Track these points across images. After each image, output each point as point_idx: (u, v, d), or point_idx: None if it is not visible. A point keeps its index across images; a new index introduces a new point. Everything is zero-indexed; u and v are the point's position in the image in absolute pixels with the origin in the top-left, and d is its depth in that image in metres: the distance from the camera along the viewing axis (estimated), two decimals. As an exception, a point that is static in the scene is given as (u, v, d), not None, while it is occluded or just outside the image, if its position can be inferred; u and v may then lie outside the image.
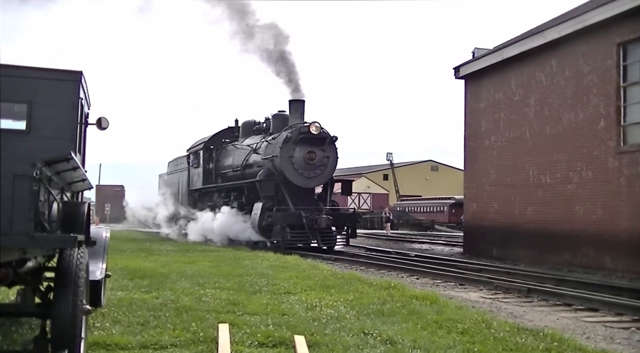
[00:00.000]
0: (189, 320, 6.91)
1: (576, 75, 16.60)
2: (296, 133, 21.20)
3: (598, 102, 15.82)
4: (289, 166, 21.01)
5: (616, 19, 15.08)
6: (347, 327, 6.80)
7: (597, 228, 15.55)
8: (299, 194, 21.26)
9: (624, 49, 15.26)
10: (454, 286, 12.33)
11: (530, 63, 18.48)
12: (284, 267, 13.05)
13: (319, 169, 21.48)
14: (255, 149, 23.53)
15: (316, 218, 19.98)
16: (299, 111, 22.36)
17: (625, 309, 9.10)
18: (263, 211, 20.76)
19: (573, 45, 16.73)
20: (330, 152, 21.74)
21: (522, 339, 6.39)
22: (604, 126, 15.57)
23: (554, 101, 17.45)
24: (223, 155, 27.42)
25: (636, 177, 14.49)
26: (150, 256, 15.48)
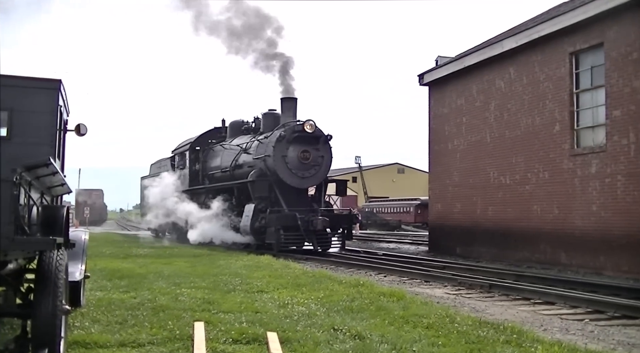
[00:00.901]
0: (166, 318, 7.05)
1: (533, 82, 17.11)
2: (290, 132, 20.24)
3: (553, 107, 16.33)
4: (282, 166, 20.07)
5: (568, 30, 15.65)
6: (317, 323, 6.98)
7: (553, 226, 16.06)
8: (293, 195, 20.31)
9: (576, 58, 15.83)
10: (419, 283, 12.57)
11: (490, 71, 18.94)
12: (257, 267, 13.18)
13: (314, 169, 20.55)
14: (245, 149, 22.48)
15: (312, 219, 19.09)
16: (291, 110, 21.45)
17: (579, 302, 9.49)
18: (255, 212, 19.79)
19: (529, 54, 17.26)
20: (324, 151, 20.77)
21: (484, 332, 6.61)
22: (559, 130, 16.10)
23: (512, 107, 17.93)
24: (210, 156, 26.28)
25: (588, 178, 15.03)
26: (128, 258, 15.57)
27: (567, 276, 13.65)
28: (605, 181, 14.58)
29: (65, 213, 5.58)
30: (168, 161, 30.48)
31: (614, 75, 14.48)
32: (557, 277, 12.94)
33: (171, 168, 29.42)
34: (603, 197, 14.62)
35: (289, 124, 20.65)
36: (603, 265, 14.45)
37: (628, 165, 13.98)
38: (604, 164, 14.62)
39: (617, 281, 12.51)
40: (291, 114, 21.25)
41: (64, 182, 6.16)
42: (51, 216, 5.51)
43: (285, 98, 21.60)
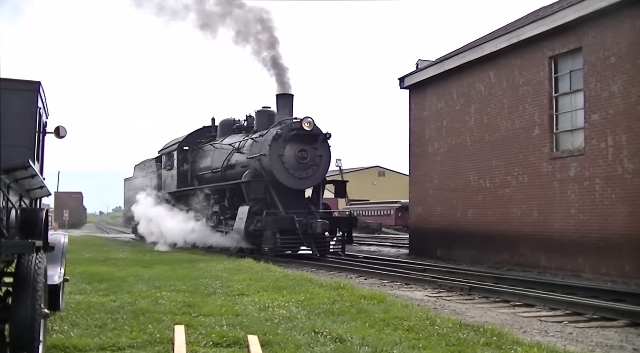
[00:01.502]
0: (146, 322, 7.01)
1: (512, 86, 17.25)
2: (287, 130, 19.16)
3: (532, 111, 16.47)
4: (278, 166, 19.03)
5: (548, 34, 15.79)
6: (298, 326, 6.96)
7: (533, 229, 16.19)
8: (289, 196, 19.22)
9: (555, 62, 15.98)
10: (400, 285, 12.63)
11: (470, 74, 19.07)
12: (237, 270, 13.16)
13: (311, 169, 19.53)
14: (238, 148, 21.39)
15: (310, 222, 18.14)
16: (287, 106, 20.28)
17: (559, 304, 9.57)
18: (250, 215, 18.67)
19: (509, 58, 17.40)
20: (323, 150, 19.74)
21: (464, 334, 6.65)
22: (538, 134, 16.24)
23: (492, 110, 18.06)
24: (200, 156, 25.12)
25: (567, 181, 15.18)
26: (108, 261, 15.48)
27: (547, 278, 13.78)
28: (583, 184, 14.72)
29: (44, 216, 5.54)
30: (153, 162, 29.39)
31: (592, 79, 14.64)
32: (536, 279, 13.06)
33: (157, 168, 28.29)
34: (582, 200, 14.76)
35: (285, 121, 19.61)
36: (582, 268, 14.58)
37: (606, 168, 14.14)
38: (583, 168, 14.77)
39: (596, 284, 12.64)
40: (287, 112, 20.19)
41: (43, 185, 6.13)
42: (30, 219, 5.48)
43: (281, 94, 20.46)
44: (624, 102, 13.75)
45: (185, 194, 24.86)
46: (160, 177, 27.79)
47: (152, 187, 28.23)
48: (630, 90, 13.62)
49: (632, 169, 13.49)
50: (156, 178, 28.25)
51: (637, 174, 13.38)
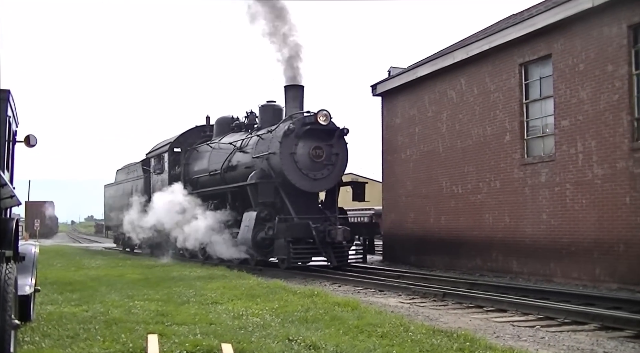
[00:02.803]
0: (119, 331, 6.99)
1: (483, 92, 17.41)
2: (299, 124, 17.05)
3: (503, 117, 16.64)
4: (290, 166, 16.93)
5: (518, 41, 15.97)
6: (272, 334, 6.98)
7: (505, 235, 16.32)
8: (301, 200, 17.20)
9: (525, 69, 16.16)
10: (374, 292, 12.67)
11: (442, 81, 19.19)
12: (211, 278, 13.16)
13: (327, 169, 17.43)
14: (240, 147, 19.10)
15: (329, 229, 16.09)
16: (297, 99, 18.07)
17: (531, 309, 9.68)
18: (258, 221, 16.52)
19: (480, 65, 17.55)
20: (339, 148, 17.64)
21: (438, 340, 6.72)
22: (509, 140, 16.40)
23: (464, 117, 18.21)
24: (194, 157, 22.84)
25: (538, 187, 15.33)
26: (80, 270, 15.37)
27: (519, 283, 13.89)
28: (554, 189, 14.89)
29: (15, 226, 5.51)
30: (139, 166, 27.31)
31: (561, 86, 14.83)
32: (509, 285, 13.16)
33: (144, 173, 26.28)
34: (552, 205, 14.93)
35: (296, 115, 17.56)
36: (553, 272, 14.74)
37: (576, 174, 14.32)
38: (553, 173, 14.94)
39: (567, 288, 12.78)
40: (297, 105, 18.01)
41: (13, 194, 6.07)
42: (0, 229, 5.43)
43: (290, 86, 18.17)
44: (593, 109, 13.96)
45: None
46: (148, 182, 25.70)
47: (138, 193, 26.21)
48: (598, 96, 13.83)
49: (602, 174, 13.69)
50: (143, 183, 26.23)
51: (606, 180, 13.58)
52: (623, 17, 13.28)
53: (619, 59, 13.39)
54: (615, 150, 13.39)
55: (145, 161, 26.50)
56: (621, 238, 13.17)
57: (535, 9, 16.54)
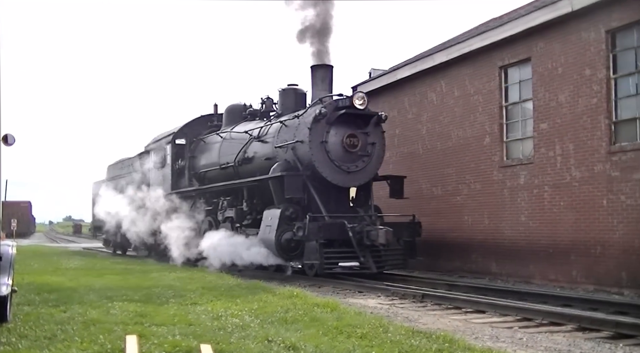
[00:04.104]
0: (97, 332, 6.93)
1: (463, 95, 17.50)
2: (331, 109, 14.86)
3: (483, 120, 16.74)
4: (322, 156, 14.77)
5: (498, 44, 16.07)
6: (251, 335, 6.97)
7: (484, 236, 16.42)
8: (331, 196, 15.12)
9: (505, 72, 16.27)
10: (353, 293, 12.67)
11: (422, 84, 19.25)
12: (190, 279, 13.09)
13: (362, 160, 15.30)
14: (258, 136, 16.87)
15: (368, 230, 14.01)
16: (326, 81, 15.87)
17: (509, 310, 9.73)
18: (282, 221, 14.41)
19: (460, 67, 17.64)
20: (376, 136, 15.52)
21: (417, 341, 6.73)
22: (489, 142, 16.51)
23: (444, 119, 18.29)
24: (201, 149, 20.33)
25: (517, 189, 15.45)
26: (58, 271, 15.24)
27: (498, 285, 14.00)
28: (533, 192, 15.02)
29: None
30: (136, 160, 25.11)
31: (540, 89, 14.96)
32: (487, 286, 13.25)
33: (142, 167, 24.03)
34: (531, 207, 15.05)
35: (327, 98, 15.44)
36: (532, 274, 14.85)
37: (554, 176, 14.45)
38: (532, 176, 15.06)
39: (545, 290, 12.89)
40: (326, 87, 15.83)
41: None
42: None
43: (318, 66, 15.90)
44: (571, 112, 14.09)
45: (183, 197, 20.28)
46: (146, 178, 23.42)
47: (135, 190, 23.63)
48: (577, 100, 13.97)
49: (579, 177, 13.82)
50: (140, 179, 23.77)
51: (584, 182, 13.72)
52: (601, 22, 13.43)
53: (597, 63, 13.54)
54: (593, 153, 13.54)
55: (144, 154, 24.43)
56: (598, 240, 13.31)
57: (515, 13, 16.67)
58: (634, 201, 12.60)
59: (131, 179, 24.92)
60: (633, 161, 12.68)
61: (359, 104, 14.90)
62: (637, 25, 12.86)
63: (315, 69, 15.90)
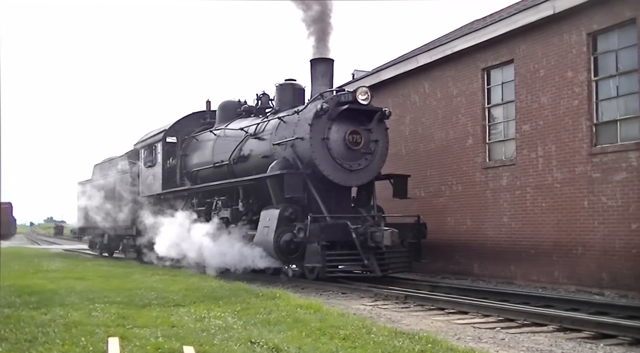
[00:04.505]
0: (79, 334, 6.89)
1: (446, 97, 17.57)
2: (333, 104, 14.25)
3: (466, 121, 16.82)
4: (323, 154, 14.12)
5: (481, 46, 16.16)
6: (234, 336, 6.95)
7: (467, 238, 16.49)
8: (332, 196, 14.55)
9: (488, 73, 16.36)
10: (336, 294, 12.67)
11: (405, 85, 19.30)
12: (173, 281, 13.02)
13: (364, 159, 14.67)
14: (255, 133, 16.18)
15: (372, 231, 13.41)
16: (327, 75, 15.23)
17: (491, 310, 9.77)
18: (281, 221, 13.73)
19: (443, 69, 17.69)
20: (379, 133, 14.87)
21: (400, 342, 6.74)
22: (472, 144, 16.59)
23: (427, 120, 18.35)
24: (193, 147, 19.66)
25: (500, 190, 15.54)
26: (39, 273, 15.10)
27: (480, 286, 14.08)
28: (515, 193, 15.10)
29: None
30: (124, 158, 24.35)
31: (522, 91, 15.05)
32: (470, 287, 13.32)
33: (131, 167, 23.29)
34: (513, 209, 15.14)
35: (328, 93, 14.81)
36: (514, 275, 14.93)
37: (536, 177, 14.54)
38: (514, 177, 15.15)
39: (527, 290, 12.98)
40: (327, 82, 15.22)
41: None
42: None
43: (318, 59, 15.21)
44: (553, 114, 14.19)
45: (174, 197, 19.68)
46: (136, 177, 22.70)
47: (124, 190, 23.28)
48: (558, 102, 14.07)
49: (561, 178, 13.92)
50: (130, 179, 23.17)
51: (565, 183, 13.82)
52: (583, 25, 13.54)
53: (578, 65, 13.65)
54: (575, 155, 13.64)
55: (133, 152, 23.56)
56: (579, 241, 13.41)
57: (498, 15, 16.76)
58: (615, 203, 12.72)
59: (119, 178, 24.38)
60: (613, 163, 12.80)
61: (363, 99, 14.28)
62: (618, 28, 12.99)
63: (315, 63, 15.24)
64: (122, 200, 23.33)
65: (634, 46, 12.60)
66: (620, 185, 12.64)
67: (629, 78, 12.89)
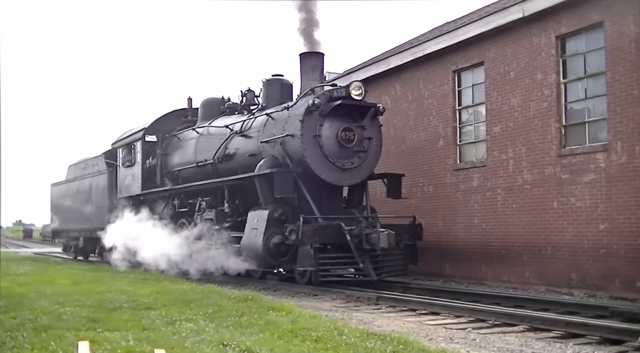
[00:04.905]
0: (48, 339, 6.81)
1: (418, 99, 17.66)
2: (326, 99, 13.58)
3: (437, 123, 16.93)
4: (315, 152, 13.49)
5: (451, 49, 16.27)
6: (206, 339, 6.92)
7: (438, 239, 16.55)
8: (323, 196, 13.87)
9: (458, 75, 16.49)
10: (308, 296, 12.66)
11: (377, 87, 19.32)
12: (144, 284, 12.91)
13: (357, 157, 14.04)
14: (240, 130, 15.49)
15: (368, 233, 12.79)
16: (317, 70, 14.52)
17: (463, 311, 9.84)
18: (271, 223, 13.05)
19: (414, 71, 17.80)
20: (372, 131, 14.30)
21: (372, 344, 6.74)
22: (443, 145, 16.70)
23: (398, 122, 18.42)
24: (174, 146, 18.89)
25: (470, 191, 15.66)
26: (7, 276, 14.83)
27: (451, 287, 14.15)
28: (486, 194, 15.23)
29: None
30: (100, 158, 23.37)
31: (493, 93, 15.19)
32: (442, 288, 13.39)
33: (108, 167, 22.38)
34: (484, 210, 15.26)
35: (318, 89, 14.08)
36: (485, 275, 15.05)
37: (507, 179, 14.68)
38: (485, 179, 15.28)
39: (498, 291, 13.09)
40: (317, 77, 14.49)
41: None
42: None
43: (308, 53, 14.50)
44: (523, 116, 14.34)
45: (155, 199, 19.02)
46: (113, 178, 21.90)
47: (100, 191, 22.46)
48: (528, 104, 14.22)
49: (531, 179, 14.07)
50: (107, 179, 22.32)
51: (535, 185, 13.96)
52: (551, 28, 13.70)
53: (547, 68, 13.81)
54: (544, 156, 13.80)
55: (110, 152, 22.63)
56: (549, 241, 13.57)
57: (469, 18, 16.89)
58: (583, 204, 12.89)
59: (96, 179, 23.59)
60: (582, 164, 12.97)
61: (357, 95, 13.58)
62: (586, 31, 13.17)
63: (304, 57, 14.51)
64: (98, 201, 22.68)
65: (602, 49, 12.79)
66: (588, 186, 12.81)
67: (596, 81, 13.07)
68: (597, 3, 12.74)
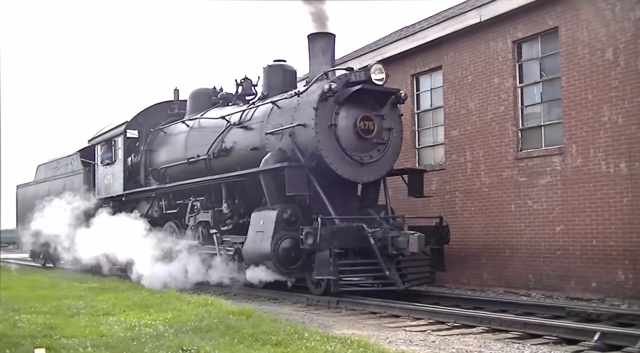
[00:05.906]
0: (3, 347, 6.70)
1: (377, 101, 17.71)
2: (342, 84, 11.94)
3: (397, 126, 17.01)
4: (330, 144, 11.79)
5: (410, 53, 16.41)
6: (165, 344, 6.85)
7: (398, 242, 16.61)
8: (337, 194, 12.18)
9: (417, 79, 16.64)
10: (268, 300, 12.64)
11: (337, 89, 19.37)
12: (102, 289, 12.75)
13: (377, 150, 12.39)
14: (239, 121, 13.76)
15: (394, 236, 11.14)
16: (328, 53, 12.98)
17: (422, 314, 9.92)
18: (279, 225, 11.40)
19: (374, 75, 17.85)
20: (392, 120, 12.65)
21: (332, 347, 6.75)
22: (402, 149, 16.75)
23: (358, 125, 18.45)
24: (160, 142, 17.08)
25: (429, 194, 15.74)
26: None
27: (412, 290, 14.19)
28: (445, 197, 15.38)
29: None
30: (75, 157, 21.64)
31: (451, 97, 15.36)
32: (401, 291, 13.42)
33: (84, 166, 20.57)
34: (443, 213, 15.31)
35: (332, 73, 12.61)
36: (444, 278, 15.13)
37: (465, 182, 14.85)
38: (444, 182, 15.43)
39: (458, 293, 13.24)
40: (328, 61, 12.95)
41: None
42: None
43: (318, 34, 12.91)
44: (480, 120, 14.53)
45: (138, 199, 17.38)
46: (89, 177, 20.20)
47: (75, 192, 20.33)
48: (486, 107, 14.41)
49: (489, 182, 14.25)
50: (83, 179, 20.59)
51: (493, 188, 14.15)
52: (508, 33, 13.92)
53: (504, 72, 14.02)
54: (502, 159, 13.99)
55: (87, 150, 20.84)
56: (507, 243, 13.76)
57: (427, 22, 17.05)
58: (540, 206, 13.10)
59: (70, 180, 21.71)
60: (538, 167, 13.19)
61: (378, 79, 11.89)
62: (541, 36, 13.41)
63: (314, 38, 12.94)
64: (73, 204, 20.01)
65: (557, 54, 13.03)
66: (545, 189, 13.03)
67: (552, 85, 13.31)
68: (552, 9, 12.99)
